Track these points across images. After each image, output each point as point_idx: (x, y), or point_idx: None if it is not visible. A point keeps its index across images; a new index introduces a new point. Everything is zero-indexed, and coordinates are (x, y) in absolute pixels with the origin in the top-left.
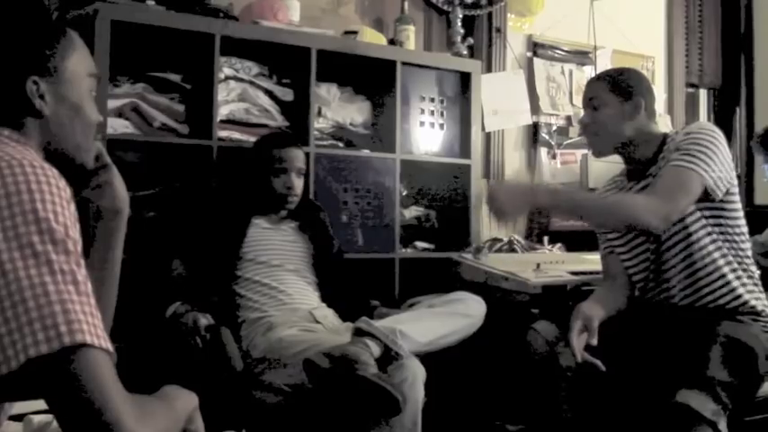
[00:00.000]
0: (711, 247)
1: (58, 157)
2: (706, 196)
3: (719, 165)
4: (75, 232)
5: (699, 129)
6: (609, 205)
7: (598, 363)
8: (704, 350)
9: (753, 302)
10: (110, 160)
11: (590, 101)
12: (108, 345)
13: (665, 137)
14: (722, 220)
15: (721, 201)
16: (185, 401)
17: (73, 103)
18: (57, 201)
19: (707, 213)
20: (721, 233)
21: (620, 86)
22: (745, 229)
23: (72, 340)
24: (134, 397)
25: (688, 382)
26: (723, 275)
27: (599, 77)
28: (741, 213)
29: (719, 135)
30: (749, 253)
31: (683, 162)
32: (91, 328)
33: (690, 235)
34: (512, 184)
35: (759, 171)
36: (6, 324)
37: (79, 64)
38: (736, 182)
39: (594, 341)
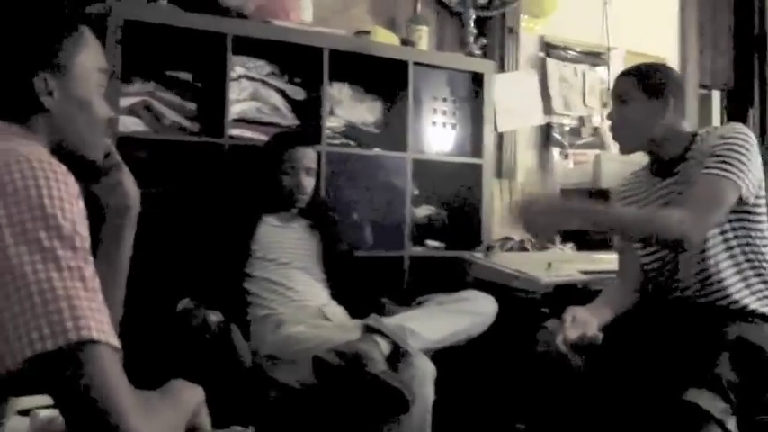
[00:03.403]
0: (729, 253)
1: (66, 152)
2: (737, 202)
3: (753, 170)
4: (82, 228)
5: (735, 133)
6: (645, 221)
7: (595, 335)
8: (714, 349)
9: (763, 309)
10: (119, 159)
11: (618, 96)
12: (115, 341)
13: (693, 135)
14: (746, 224)
15: (750, 205)
16: (191, 395)
17: (81, 99)
18: (64, 197)
19: (731, 216)
20: (742, 236)
21: (650, 83)
22: (767, 234)
23: (78, 336)
24: (140, 393)
25: (697, 381)
26: (734, 282)
27: (628, 73)
28: (765, 218)
29: (753, 139)
30: None
31: (719, 171)
32: (98, 324)
33: (711, 237)
34: (544, 202)
35: None
36: (13, 320)
37: (89, 59)
38: (764, 185)
39: (587, 336)
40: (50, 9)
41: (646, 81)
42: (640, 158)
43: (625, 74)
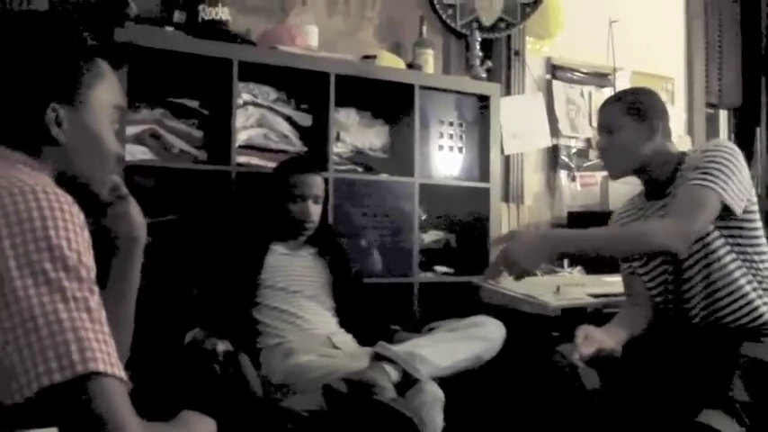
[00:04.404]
0: (732, 266)
1: (73, 183)
2: (726, 213)
3: (737, 181)
4: (88, 259)
5: (715, 146)
6: (626, 236)
7: (613, 349)
8: (727, 371)
9: None
10: (126, 191)
11: (606, 126)
12: (122, 373)
13: (682, 155)
14: (741, 240)
15: (740, 219)
16: (203, 427)
17: (92, 133)
18: (70, 227)
19: (725, 232)
20: (741, 252)
21: (636, 108)
22: (765, 248)
23: (85, 368)
24: (149, 425)
25: (710, 402)
26: (744, 295)
27: (613, 100)
28: (761, 233)
29: (736, 152)
30: None
31: (700, 180)
32: (104, 356)
33: (710, 254)
34: (524, 240)
35: None
36: (19, 352)
37: (104, 94)
38: (755, 199)
39: (605, 350)
40: (70, 40)
41: (631, 107)
42: None
43: (609, 102)
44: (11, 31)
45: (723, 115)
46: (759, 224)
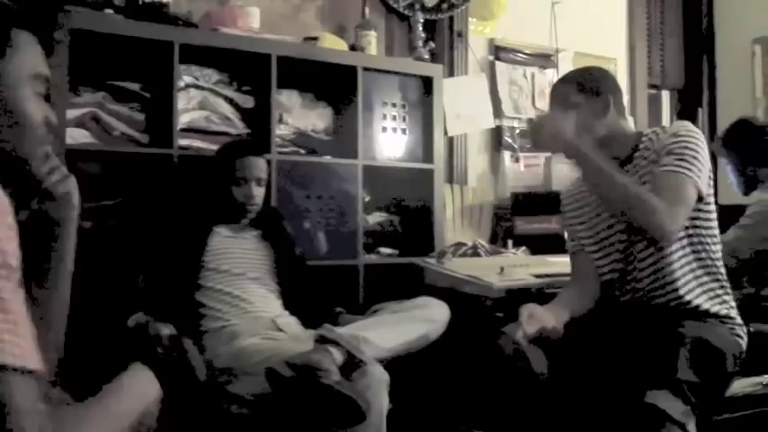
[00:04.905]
0: (679, 253)
1: (7, 164)
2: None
3: (706, 169)
4: (8, 245)
5: (687, 131)
6: (633, 196)
7: (555, 328)
8: (673, 351)
9: (715, 308)
10: (65, 170)
11: (559, 104)
12: (35, 364)
13: (639, 135)
14: (697, 222)
15: (700, 203)
16: (139, 389)
17: (10, 109)
18: None
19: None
20: (694, 235)
21: (588, 86)
22: (716, 232)
23: None
24: (64, 410)
25: (657, 382)
26: (686, 282)
27: (565, 80)
28: (715, 215)
29: (702, 137)
30: (719, 255)
31: (677, 168)
32: (12, 347)
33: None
34: (556, 119)
35: (722, 172)
36: None
37: (19, 66)
38: (712, 183)
39: (547, 329)
40: None
41: (583, 84)
42: None
43: (561, 81)
44: None
45: (666, 96)
46: (713, 206)
